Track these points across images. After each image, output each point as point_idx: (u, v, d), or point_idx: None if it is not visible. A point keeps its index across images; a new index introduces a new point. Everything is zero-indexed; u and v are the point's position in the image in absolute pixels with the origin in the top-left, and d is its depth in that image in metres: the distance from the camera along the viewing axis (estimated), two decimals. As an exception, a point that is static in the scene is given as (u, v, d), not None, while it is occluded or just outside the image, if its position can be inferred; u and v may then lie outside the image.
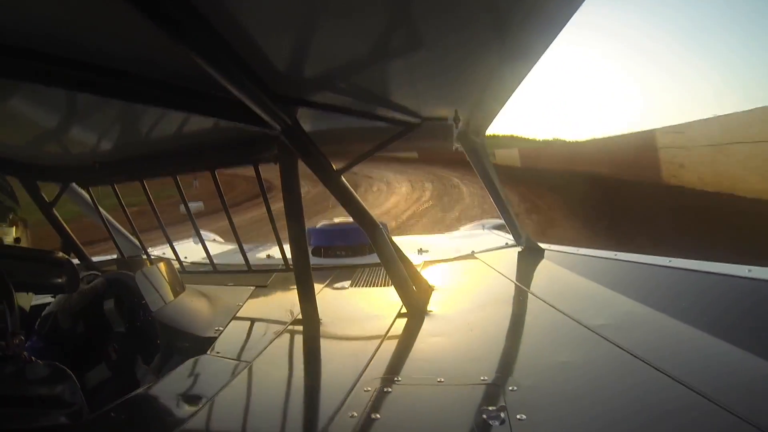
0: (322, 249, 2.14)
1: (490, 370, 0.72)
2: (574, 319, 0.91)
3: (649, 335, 0.86)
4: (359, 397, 0.66)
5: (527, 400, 0.61)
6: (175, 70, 0.67)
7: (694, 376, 0.63)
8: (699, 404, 0.57)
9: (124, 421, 0.67)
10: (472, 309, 1.14)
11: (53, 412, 0.59)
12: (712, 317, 0.90)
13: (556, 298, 1.08)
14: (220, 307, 1.28)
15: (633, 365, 0.69)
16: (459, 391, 0.67)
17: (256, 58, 0.65)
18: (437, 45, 0.66)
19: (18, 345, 0.60)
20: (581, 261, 1.53)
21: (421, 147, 1.43)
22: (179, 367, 0.88)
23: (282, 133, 0.93)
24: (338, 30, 0.59)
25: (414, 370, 0.77)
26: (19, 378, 0.57)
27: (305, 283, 1.11)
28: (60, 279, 0.72)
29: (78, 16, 0.50)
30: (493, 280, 1.43)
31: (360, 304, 1.31)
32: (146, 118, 0.94)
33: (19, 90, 0.71)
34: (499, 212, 1.76)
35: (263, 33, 0.57)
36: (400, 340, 0.93)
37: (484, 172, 1.58)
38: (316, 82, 0.80)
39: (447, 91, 0.92)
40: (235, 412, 0.67)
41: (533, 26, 0.63)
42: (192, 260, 1.98)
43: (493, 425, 0.56)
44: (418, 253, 2.12)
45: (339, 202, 1.05)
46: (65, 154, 1.22)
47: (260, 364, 0.85)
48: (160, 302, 1.09)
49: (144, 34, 0.52)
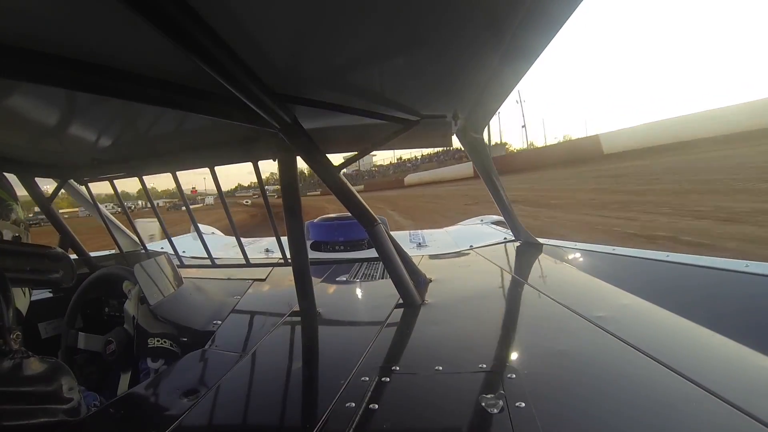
0: (320, 243, 2.15)
1: (489, 358, 0.73)
2: (572, 311, 0.92)
3: (646, 327, 0.88)
4: (357, 386, 0.67)
5: (526, 388, 0.62)
6: (174, 69, 0.67)
7: (690, 366, 0.65)
8: (695, 394, 0.58)
9: (122, 415, 0.68)
10: (470, 300, 1.16)
11: (51, 408, 0.59)
12: (709, 311, 0.91)
13: (554, 290, 1.09)
14: (219, 300, 1.29)
15: (629, 355, 0.71)
16: (457, 379, 0.68)
17: (255, 57, 0.65)
18: (437, 43, 0.66)
19: (15, 341, 0.60)
20: (580, 255, 1.54)
21: (420, 144, 1.42)
22: (178, 361, 0.89)
23: (281, 130, 0.93)
24: (338, 28, 0.58)
25: (412, 359, 0.78)
26: (16, 374, 0.57)
27: (303, 277, 1.12)
28: (57, 274, 0.72)
29: (77, 15, 0.49)
30: (491, 273, 1.44)
31: (358, 297, 1.33)
32: (145, 116, 0.94)
33: (18, 87, 0.71)
34: (497, 207, 1.77)
35: (262, 31, 0.57)
36: (398, 331, 0.94)
37: (483, 168, 1.59)
38: (316, 80, 0.79)
39: (446, 89, 0.92)
40: (233, 404, 0.68)
41: (533, 25, 0.63)
42: (191, 254, 1.99)
43: (492, 412, 0.57)
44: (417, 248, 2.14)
45: (338, 198, 1.06)
46: (63, 151, 1.22)
47: (258, 356, 0.86)
48: (159, 296, 1.10)
49: (142, 32, 0.52)
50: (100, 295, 1.33)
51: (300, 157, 1.04)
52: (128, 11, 0.42)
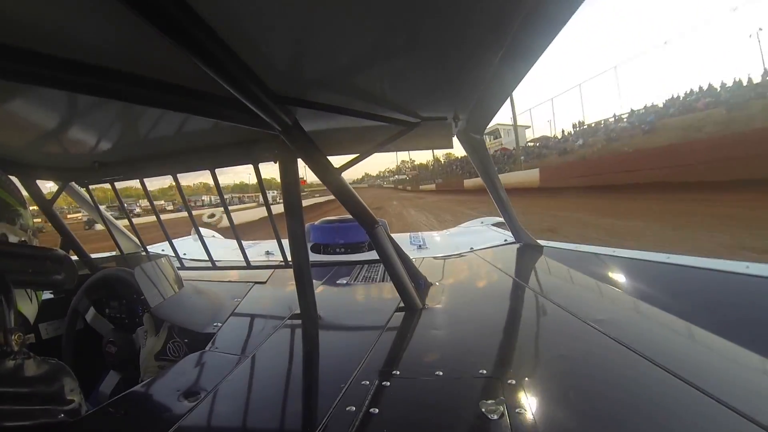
0: (321, 246, 2.15)
1: (489, 363, 0.73)
2: (573, 315, 0.92)
3: (647, 331, 0.87)
4: (357, 390, 0.67)
5: (526, 394, 0.62)
6: (175, 71, 0.67)
7: (692, 371, 0.64)
8: (696, 398, 0.58)
9: (122, 416, 0.68)
10: (470, 303, 1.16)
11: (52, 409, 0.59)
12: (710, 313, 0.91)
13: (555, 294, 1.09)
14: (219, 302, 1.30)
15: (631, 360, 0.70)
16: (457, 384, 0.68)
17: (256, 59, 0.65)
18: (437, 45, 0.66)
19: (17, 342, 0.60)
20: (580, 258, 1.54)
21: (421, 146, 1.43)
22: (178, 363, 0.89)
23: (282, 132, 0.93)
24: (339, 30, 0.59)
25: (412, 363, 0.77)
26: (17, 375, 0.57)
27: (304, 280, 1.12)
28: (58, 276, 0.72)
29: (78, 17, 0.49)
30: (492, 276, 1.44)
31: (358, 300, 1.33)
32: (146, 118, 0.94)
33: (19, 89, 0.71)
34: (498, 209, 1.77)
35: (263, 34, 0.57)
36: (399, 335, 0.94)
37: (484, 170, 1.59)
38: (317, 83, 0.79)
39: (447, 90, 0.92)
40: (233, 407, 0.68)
41: (534, 26, 0.63)
42: (191, 257, 1.99)
43: (492, 418, 0.56)
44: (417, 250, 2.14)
45: (338, 200, 1.06)
46: (65, 154, 1.22)
47: (258, 359, 0.86)
48: (159, 298, 1.10)
49: (143, 35, 0.52)
50: (102, 296, 1.34)
51: (301, 159, 1.05)
52: (130, 13, 0.42)
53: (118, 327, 1.28)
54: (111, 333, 1.24)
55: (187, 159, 1.26)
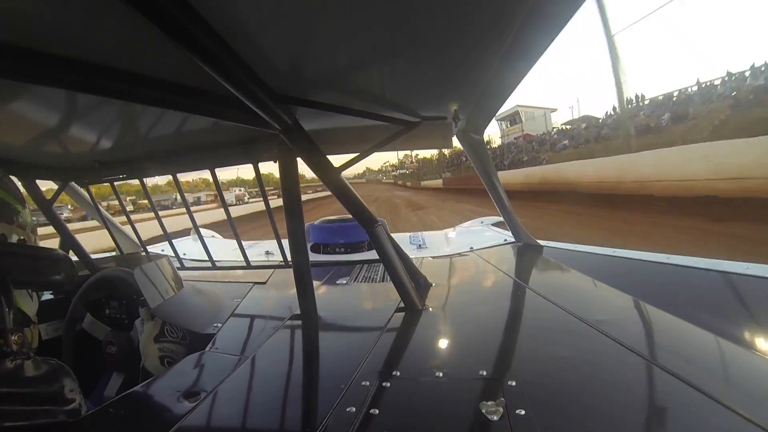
0: (321, 246, 2.15)
1: (489, 364, 0.73)
2: (574, 315, 0.92)
3: (647, 331, 0.87)
4: (357, 391, 0.67)
5: (526, 395, 0.61)
6: (175, 71, 0.67)
7: (692, 371, 0.64)
8: (696, 399, 0.58)
9: (122, 416, 0.67)
10: (470, 304, 1.15)
11: (52, 409, 0.59)
12: (710, 314, 0.91)
13: (555, 294, 1.09)
14: (219, 303, 1.29)
15: (631, 360, 0.70)
16: (458, 386, 0.67)
17: (256, 58, 0.65)
18: (437, 44, 0.66)
19: (17, 342, 0.60)
20: (580, 258, 1.54)
21: (421, 146, 1.43)
22: (178, 363, 0.89)
23: (282, 131, 0.93)
24: (339, 30, 0.59)
25: (412, 364, 0.77)
26: (17, 375, 0.57)
27: (304, 280, 1.12)
28: (58, 276, 0.72)
29: (78, 16, 0.49)
30: (491, 276, 1.44)
31: (358, 300, 1.32)
32: (146, 117, 0.94)
33: (18, 89, 0.71)
34: (497, 209, 1.77)
35: (264, 33, 0.57)
36: (399, 335, 0.94)
37: (483, 169, 1.59)
38: (316, 82, 0.79)
39: (447, 90, 0.92)
40: (233, 408, 0.68)
41: (534, 26, 0.63)
42: (191, 257, 1.99)
43: (492, 420, 0.56)
44: (417, 249, 2.14)
45: (338, 199, 1.05)
46: (64, 153, 1.22)
47: (258, 360, 0.85)
48: (159, 298, 1.10)
49: (143, 33, 0.52)
50: (101, 296, 1.33)
51: (301, 158, 1.04)
52: (130, 12, 0.42)
53: (117, 327, 1.27)
54: (110, 334, 1.23)
55: (187, 158, 1.26)
